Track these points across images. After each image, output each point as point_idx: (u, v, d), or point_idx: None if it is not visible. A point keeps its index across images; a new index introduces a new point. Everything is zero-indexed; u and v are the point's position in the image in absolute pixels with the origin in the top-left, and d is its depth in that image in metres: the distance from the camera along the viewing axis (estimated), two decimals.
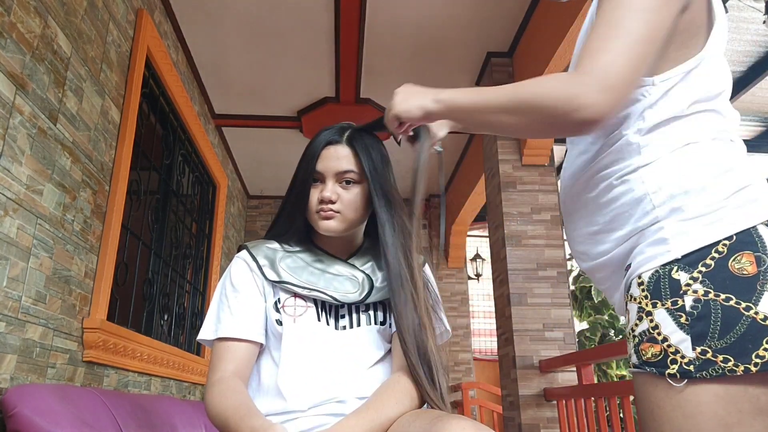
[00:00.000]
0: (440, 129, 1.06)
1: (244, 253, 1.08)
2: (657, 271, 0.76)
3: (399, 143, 1.07)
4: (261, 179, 5.14)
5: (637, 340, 0.78)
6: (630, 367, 0.81)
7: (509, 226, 3.08)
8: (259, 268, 1.04)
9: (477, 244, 6.94)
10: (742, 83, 3.58)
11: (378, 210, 1.03)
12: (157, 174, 3.00)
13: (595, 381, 3.62)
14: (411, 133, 1.05)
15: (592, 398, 2.42)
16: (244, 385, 0.97)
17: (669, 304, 0.74)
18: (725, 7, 2.73)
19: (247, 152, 4.62)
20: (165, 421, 1.88)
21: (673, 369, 0.72)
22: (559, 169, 5.07)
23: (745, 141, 0.87)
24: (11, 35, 1.54)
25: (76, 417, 1.32)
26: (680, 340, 0.72)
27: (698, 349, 0.71)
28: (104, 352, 2.07)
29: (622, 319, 4.76)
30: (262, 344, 1.03)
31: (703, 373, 0.70)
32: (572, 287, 5.13)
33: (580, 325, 5.11)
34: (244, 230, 5.36)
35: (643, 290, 0.78)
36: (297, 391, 0.96)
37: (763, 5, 2.85)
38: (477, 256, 6.67)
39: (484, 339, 7.17)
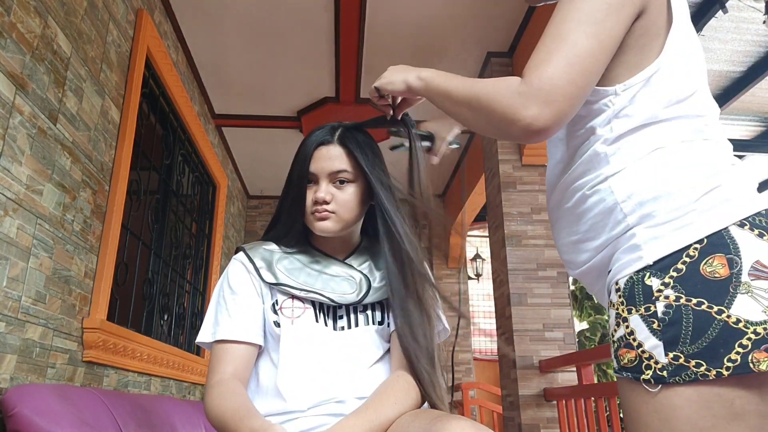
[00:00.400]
0: (447, 128, 1.07)
1: (241, 255, 1.08)
2: (631, 278, 0.77)
3: (390, 126, 1.08)
4: (261, 179, 5.14)
5: (616, 345, 0.79)
6: (615, 371, 0.82)
7: (509, 226, 3.08)
8: (256, 270, 1.04)
9: (477, 244, 6.94)
10: (742, 83, 3.58)
11: (383, 203, 1.02)
12: (157, 174, 3.00)
13: (595, 381, 3.62)
14: (397, 116, 1.06)
15: (592, 398, 2.42)
16: (244, 387, 0.97)
17: (642, 310, 0.75)
18: (725, 7, 2.72)
19: (247, 152, 4.62)
20: (165, 421, 1.88)
21: (648, 375, 0.73)
22: None
23: (744, 141, 0.87)
24: (11, 35, 1.54)
25: (76, 417, 1.32)
26: (653, 345, 0.73)
27: (671, 355, 0.71)
28: (104, 352, 2.07)
29: None
30: (260, 346, 1.03)
31: (676, 378, 0.70)
32: (572, 287, 5.13)
33: (580, 325, 5.11)
34: (244, 230, 5.36)
35: (619, 296, 0.78)
36: (296, 392, 0.96)
37: (763, 5, 2.85)
38: (477, 256, 6.67)
39: (484, 339, 7.17)
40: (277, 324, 1.01)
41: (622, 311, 0.78)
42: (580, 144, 0.86)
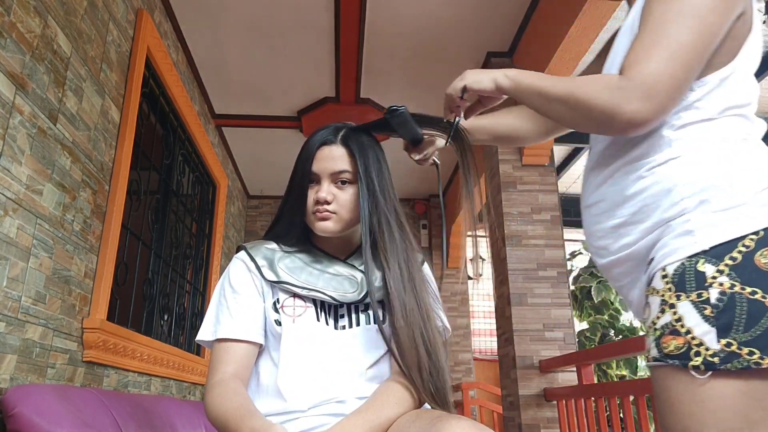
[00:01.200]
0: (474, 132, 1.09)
1: (242, 253, 1.08)
2: (682, 264, 0.77)
3: (451, 127, 1.07)
4: (261, 179, 5.14)
5: (658, 332, 0.78)
6: (649, 361, 0.81)
7: (509, 226, 3.08)
8: (258, 268, 1.04)
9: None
10: None
11: (369, 210, 1.02)
12: (157, 174, 3.00)
13: (595, 381, 3.62)
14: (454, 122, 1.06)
15: (592, 398, 2.42)
16: (244, 386, 0.97)
17: (694, 296, 0.75)
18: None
19: (247, 152, 4.62)
20: (165, 421, 1.88)
21: (697, 361, 0.73)
22: (559, 169, 5.07)
23: None
24: (11, 35, 1.54)
25: (76, 417, 1.32)
26: (705, 332, 0.73)
27: (723, 342, 0.71)
28: (104, 352, 2.07)
29: (622, 319, 4.74)
30: (261, 345, 1.03)
31: (728, 365, 0.70)
32: (572, 287, 5.12)
33: (580, 325, 5.10)
34: (244, 230, 5.36)
35: (666, 282, 0.78)
36: (297, 392, 0.96)
37: (762, 5, 2.85)
38: (477, 256, 6.66)
39: (484, 339, 7.17)
40: (278, 323, 1.01)
41: (669, 297, 0.77)
42: None
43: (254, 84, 3.65)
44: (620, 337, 4.79)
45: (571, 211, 5.97)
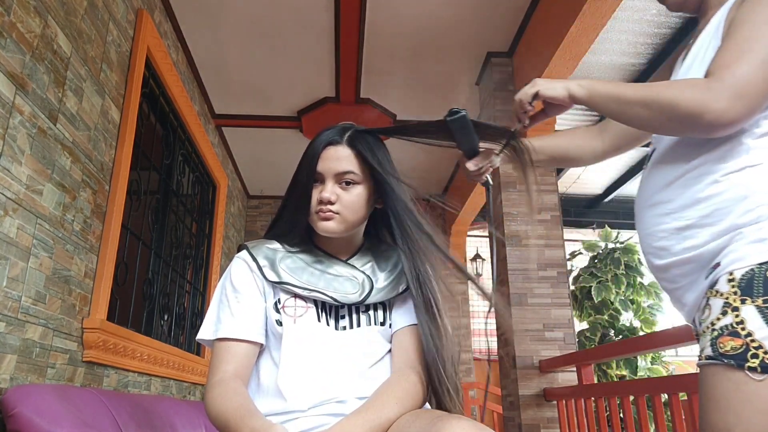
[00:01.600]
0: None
1: (244, 253, 1.07)
2: (752, 269, 0.79)
3: (518, 128, 1.06)
4: (261, 179, 5.14)
5: (716, 333, 0.81)
6: (701, 359, 0.84)
7: (509, 226, 3.08)
8: (259, 268, 1.04)
9: (477, 244, 6.94)
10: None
11: (394, 205, 1.02)
12: (157, 174, 2.99)
13: (595, 381, 3.62)
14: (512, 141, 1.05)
15: (592, 398, 2.42)
16: (245, 386, 0.97)
17: (760, 301, 0.77)
18: None
19: (247, 152, 4.62)
20: (165, 421, 1.88)
21: (754, 363, 0.75)
22: (559, 169, 5.06)
23: None
24: (11, 35, 1.54)
25: (76, 417, 1.32)
26: (766, 336, 0.76)
27: None
28: (104, 352, 2.07)
29: (622, 319, 4.71)
30: (262, 345, 1.03)
31: None
32: (572, 287, 5.12)
33: (580, 325, 5.10)
34: (244, 230, 5.36)
35: (733, 286, 0.81)
36: (297, 392, 0.96)
37: None
38: (477, 256, 6.66)
39: (484, 339, 7.16)
40: (279, 323, 1.01)
41: (734, 300, 0.80)
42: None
43: (254, 84, 3.65)
44: (620, 337, 4.79)
45: (571, 211, 5.97)
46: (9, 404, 1.25)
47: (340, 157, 1.03)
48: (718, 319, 0.81)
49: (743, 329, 0.77)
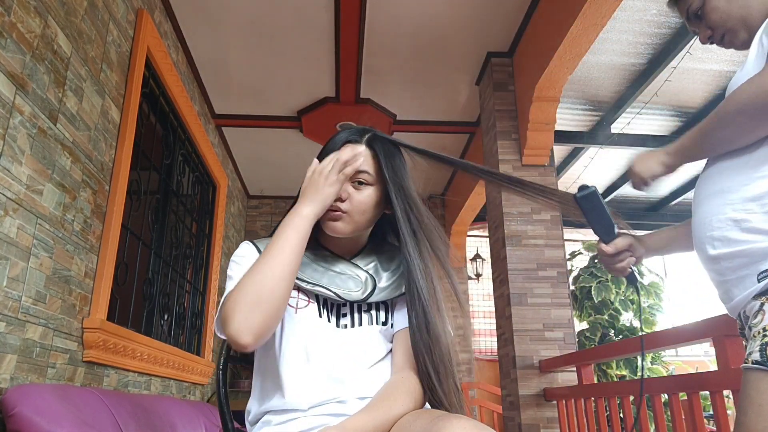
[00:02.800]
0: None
1: (248, 242, 1.08)
2: None
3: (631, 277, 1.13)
4: (261, 179, 5.14)
5: (766, 339, 0.80)
6: (747, 363, 0.82)
7: (509, 226, 3.08)
8: None
9: (477, 244, 6.94)
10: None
11: (397, 211, 1.02)
12: (157, 174, 2.99)
13: (595, 381, 3.62)
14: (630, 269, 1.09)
15: (592, 398, 2.42)
16: None
17: None
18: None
19: (247, 152, 4.61)
20: (165, 421, 1.88)
21: None
22: (559, 169, 5.06)
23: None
24: (11, 35, 1.54)
25: (76, 417, 1.32)
26: None
27: None
28: (104, 352, 2.07)
29: (622, 319, 4.69)
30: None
31: None
32: (572, 287, 5.12)
33: (580, 325, 5.10)
34: (244, 230, 5.36)
35: None
36: (297, 391, 0.96)
37: None
38: (477, 256, 6.66)
39: (484, 339, 7.17)
40: None
41: None
42: None
43: (254, 84, 3.65)
44: (620, 337, 4.79)
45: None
46: (9, 404, 1.25)
47: (357, 156, 1.04)
48: None
49: None
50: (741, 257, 0.87)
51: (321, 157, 1.06)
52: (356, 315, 1.05)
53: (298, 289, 1.03)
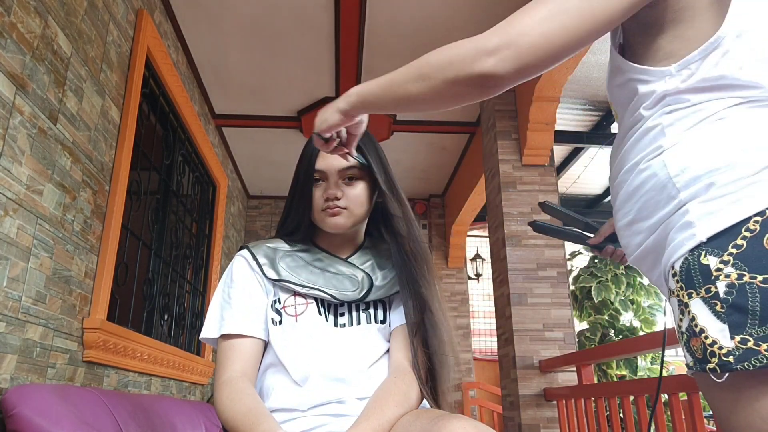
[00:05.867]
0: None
1: (244, 251, 1.08)
2: (686, 259, 0.70)
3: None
4: (261, 179, 5.14)
5: (686, 336, 0.72)
6: (688, 371, 0.75)
7: (509, 226, 3.08)
8: (260, 266, 1.04)
9: (477, 244, 6.94)
10: None
11: (388, 203, 1.05)
12: (157, 174, 3.00)
13: (595, 381, 3.62)
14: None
15: (592, 398, 2.42)
16: (252, 385, 0.97)
17: (703, 292, 0.68)
18: None
19: (247, 152, 4.62)
20: (165, 421, 1.88)
21: (713, 363, 0.66)
22: (559, 169, 5.07)
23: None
24: (11, 35, 1.54)
25: (76, 417, 1.32)
26: (718, 330, 0.66)
27: (737, 338, 0.64)
28: (104, 352, 2.07)
29: (622, 319, 4.69)
30: (266, 342, 1.03)
31: (745, 364, 0.63)
32: (572, 287, 5.12)
33: (580, 325, 5.10)
34: (244, 230, 5.36)
35: (677, 281, 0.72)
36: (297, 391, 0.96)
37: None
38: (477, 256, 6.66)
39: (484, 339, 7.17)
40: (279, 322, 1.01)
41: (683, 297, 0.71)
42: (635, 120, 0.81)
43: (254, 84, 3.65)
44: (620, 337, 4.79)
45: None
46: (9, 404, 1.25)
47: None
48: (681, 320, 0.72)
49: (696, 326, 0.68)
50: (645, 259, 0.82)
51: (302, 159, 1.07)
52: (354, 314, 1.05)
53: (295, 293, 1.04)
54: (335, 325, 1.03)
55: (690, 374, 0.74)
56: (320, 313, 1.03)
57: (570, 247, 5.37)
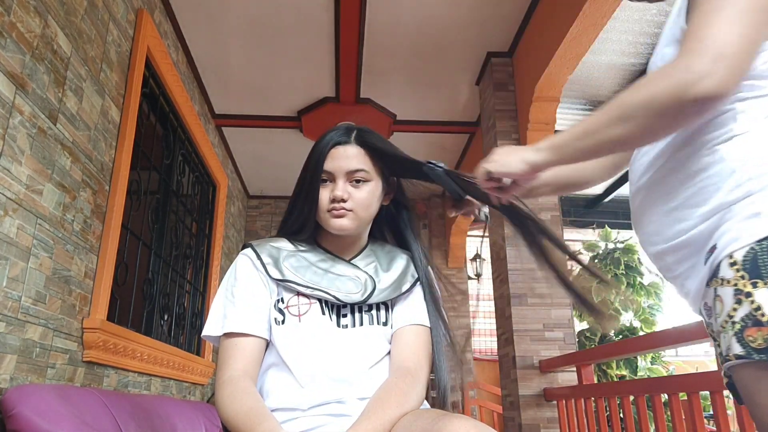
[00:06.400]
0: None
1: (248, 250, 1.08)
2: (752, 248, 0.70)
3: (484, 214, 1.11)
4: (261, 179, 5.14)
5: (739, 326, 0.70)
6: (730, 360, 0.72)
7: (509, 225, 3.07)
8: (263, 265, 1.04)
9: (477, 244, 6.94)
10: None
11: (405, 200, 1.12)
12: (157, 174, 2.99)
13: (595, 381, 3.62)
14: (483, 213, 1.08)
15: (592, 398, 2.42)
16: (254, 384, 0.97)
17: None
18: None
19: (247, 152, 4.61)
20: (165, 421, 1.88)
21: None
22: None
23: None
24: (11, 35, 1.54)
25: (76, 417, 1.32)
26: None
27: None
28: (104, 352, 2.07)
29: (622, 319, 4.68)
30: (268, 341, 1.03)
31: None
32: None
33: (580, 325, 5.10)
34: (244, 230, 5.36)
35: (737, 270, 0.71)
36: (298, 391, 0.96)
37: None
38: (477, 256, 6.66)
39: (484, 339, 7.17)
40: (282, 321, 1.01)
41: (744, 286, 0.70)
42: None
43: (254, 84, 3.65)
44: (620, 337, 4.79)
45: (570, 211, 5.97)
46: (9, 404, 1.25)
47: (350, 156, 1.04)
48: (735, 309, 0.71)
49: (763, 316, 0.66)
50: (683, 249, 0.81)
51: (311, 159, 1.07)
52: (357, 315, 1.05)
53: (299, 294, 1.04)
54: (338, 325, 1.03)
55: (732, 365, 0.73)
56: (324, 313, 1.03)
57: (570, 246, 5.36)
